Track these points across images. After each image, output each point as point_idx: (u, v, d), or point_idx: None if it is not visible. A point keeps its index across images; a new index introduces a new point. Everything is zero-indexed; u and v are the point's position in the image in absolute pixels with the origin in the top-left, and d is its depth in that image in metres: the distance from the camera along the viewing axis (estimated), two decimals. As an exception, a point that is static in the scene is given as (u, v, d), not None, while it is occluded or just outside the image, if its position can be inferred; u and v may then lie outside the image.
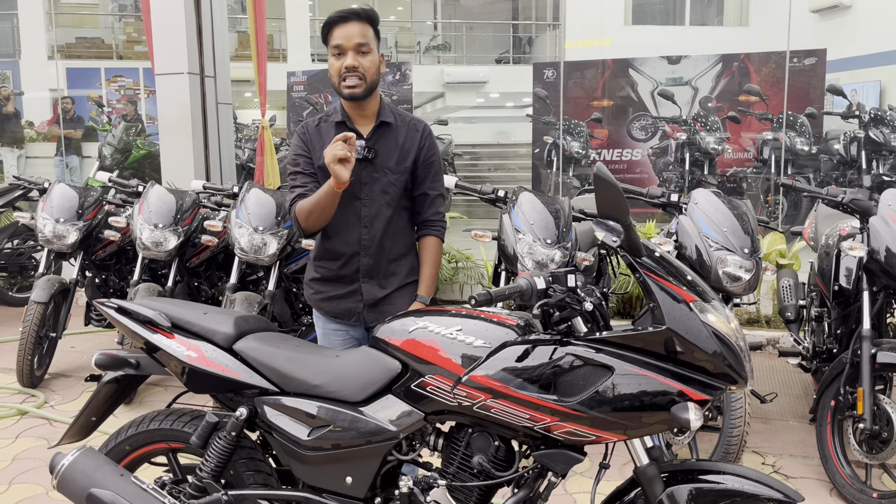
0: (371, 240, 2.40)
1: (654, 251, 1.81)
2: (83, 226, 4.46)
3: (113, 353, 2.14)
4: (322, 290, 2.49)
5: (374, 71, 2.32)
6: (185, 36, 6.16)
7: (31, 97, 12.34)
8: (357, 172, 2.32)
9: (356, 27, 2.29)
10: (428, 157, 2.45)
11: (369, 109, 2.39)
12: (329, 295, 2.47)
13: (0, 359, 4.96)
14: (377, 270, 2.43)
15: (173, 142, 6.35)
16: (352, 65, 2.28)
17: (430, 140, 2.47)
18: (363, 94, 2.32)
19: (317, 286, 2.50)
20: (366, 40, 2.30)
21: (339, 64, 2.30)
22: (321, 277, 2.49)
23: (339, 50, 2.30)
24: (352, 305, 2.45)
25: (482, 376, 1.78)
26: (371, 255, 2.41)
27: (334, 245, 2.43)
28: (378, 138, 2.39)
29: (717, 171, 8.07)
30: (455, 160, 9.69)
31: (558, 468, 1.81)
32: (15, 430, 3.82)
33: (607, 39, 14.18)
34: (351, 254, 2.41)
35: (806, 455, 3.39)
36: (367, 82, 2.31)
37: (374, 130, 2.39)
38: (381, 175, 2.39)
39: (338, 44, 2.30)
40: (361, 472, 1.93)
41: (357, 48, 2.29)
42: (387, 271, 2.45)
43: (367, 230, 2.39)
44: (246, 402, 2.04)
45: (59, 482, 2.00)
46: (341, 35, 2.29)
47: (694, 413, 1.64)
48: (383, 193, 2.38)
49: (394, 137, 2.41)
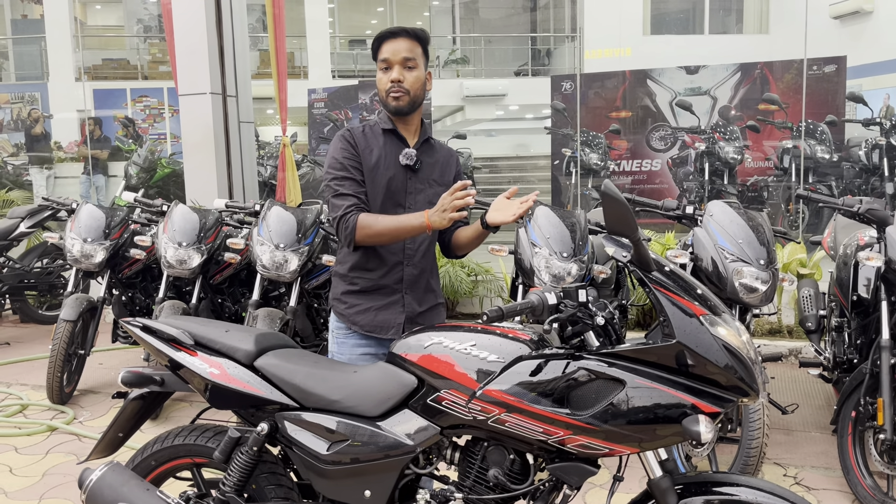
0: (415, 249, 2.40)
1: (664, 266, 1.84)
2: (110, 245, 4.57)
3: (138, 371, 2.20)
4: (357, 303, 2.41)
5: (419, 86, 2.34)
6: (207, 57, 6.29)
7: (59, 118, 12.62)
8: (403, 181, 2.37)
9: (404, 43, 2.32)
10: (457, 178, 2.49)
11: (413, 124, 2.42)
12: (366, 307, 2.40)
13: (31, 376, 5.08)
14: (419, 282, 2.43)
15: (197, 160, 6.47)
16: (397, 78, 2.31)
17: (459, 165, 2.54)
18: (408, 108, 2.35)
19: (352, 299, 2.42)
20: (413, 55, 2.32)
21: (386, 77, 2.33)
22: (359, 289, 2.41)
23: (386, 64, 2.33)
24: (391, 317, 2.40)
25: (496, 391, 1.81)
26: (414, 265, 2.41)
27: (377, 253, 2.38)
28: (424, 152, 2.42)
29: (738, 180, 8.04)
30: (474, 173, 9.73)
31: (573, 481, 1.83)
32: (45, 445, 3.90)
33: (627, 49, 14.21)
34: (394, 263, 2.39)
35: (828, 466, 3.37)
36: (410, 96, 2.33)
37: (421, 143, 2.42)
38: (426, 186, 2.41)
39: (385, 58, 2.32)
40: (379, 485, 1.97)
41: (403, 62, 2.31)
42: (427, 286, 2.46)
43: (413, 240, 2.39)
44: (267, 418, 2.08)
45: (87, 497, 2.06)
46: (389, 50, 2.32)
47: (705, 426, 1.66)
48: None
49: (436, 155, 2.46)
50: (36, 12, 15.94)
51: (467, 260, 5.80)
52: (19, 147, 12.13)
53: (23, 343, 6.00)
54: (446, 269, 5.49)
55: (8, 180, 11.17)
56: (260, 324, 3.84)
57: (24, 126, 12.19)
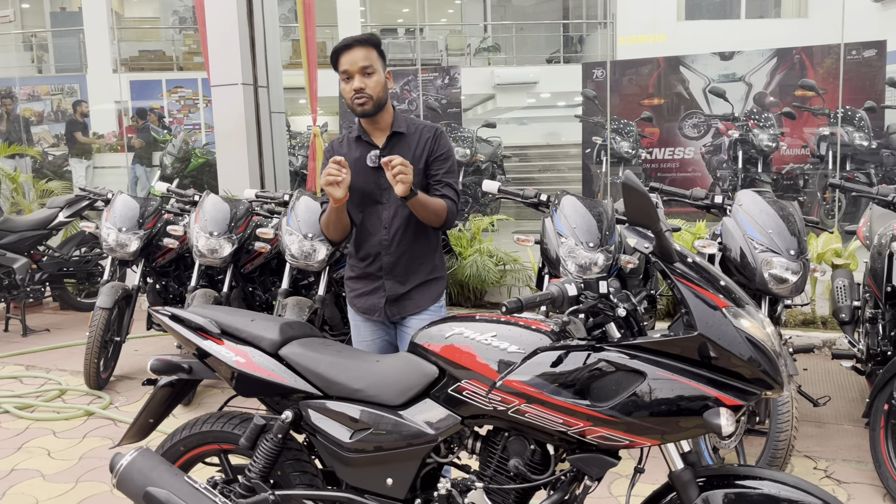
0: (391, 240, 2.61)
1: (686, 257, 1.82)
2: (144, 234, 4.66)
3: (167, 359, 2.25)
4: (354, 288, 2.73)
5: (380, 89, 2.54)
6: (238, 48, 6.36)
7: (97, 109, 12.84)
8: (376, 180, 2.58)
9: (360, 52, 2.52)
10: (439, 154, 2.63)
11: (383, 122, 2.62)
12: (359, 292, 2.70)
13: (70, 361, 5.21)
14: (397, 268, 2.63)
15: (229, 151, 6.55)
16: (359, 87, 2.51)
17: (440, 140, 2.65)
18: (373, 111, 2.55)
19: (351, 284, 2.75)
20: (369, 62, 2.52)
21: (349, 87, 2.54)
22: (354, 276, 2.73)
23: (347, 74, 2.54)
24: (375, 301, 2.66)
25: (516, 381, 1.82)
26: (391, 253, 2.62)
27: (362, 246, 2.67)
28: (392, 146, 2.61)
29: (773, 168, 7.89)
30: (504, 162, 9.70)
31: (593, 472, 1.83)
32: (82, 430, 4.01)
33: (662, 35, 13.98)
34: (375, 253, 2.64)
35: (860, 460, 3.32)
36: (374, 100, 2.53)
37: (387, 140, 2.62)
38: None
39: (345, 69, 2.53)
40: (401, 473, 1.99)
41: (362, 71, 2.51)
42: (407, 269, 2.65)
43: (387, 231, 2.61)
44: (291, 406, 2.12)
45: (118, 481, 2.12)
46: (347, 61, 2.52)
47: (726, 419, 1.65)
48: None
49: (407, 144, 2.62)
50: (74, 4, 16.21)
51: (496, 249, 5.80)
52: (59, 138, 12.38)
53: (62, 329, 6.16)
54: (474, 258, 5.50)
55: (49, 170, 11.42)
56: (289, 312, 3.89)
57: (65, 118, 12.44)
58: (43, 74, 15.34)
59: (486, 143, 9.30)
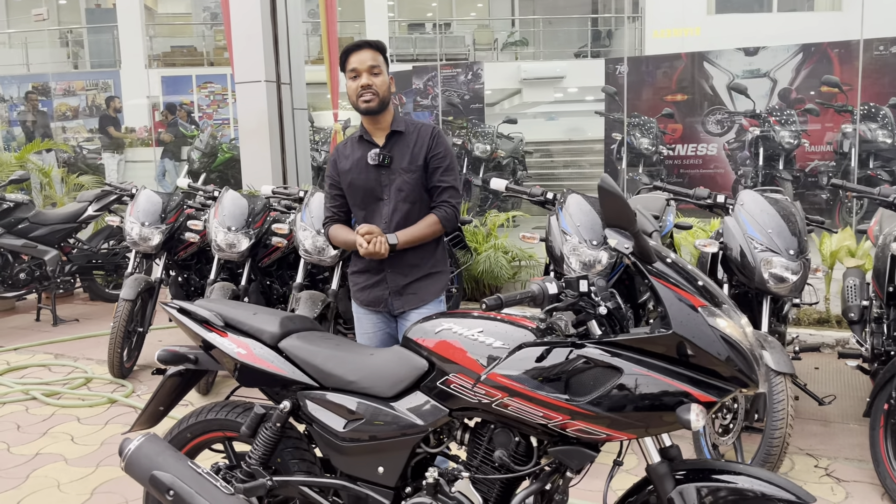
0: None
1: (666, 257, 1.88)
2: (166, 228, 4.81)
3: (174, 350, 2.36)
4: (357, 282, 2.85)
5: (385, 89, 2.70)
6: (261, 45, 6.50)
7: (130, 104, 13.12)
8: (377, 177, 2.72)
9: (368, 53, 2.68)
10: (437, 152, 2.74)
11: (384, 122, 2.75)
12: (363, 285, 2.82)
13: (97, 351, 5.39)
14: (399, 261, 2.73)
15: (252, 147, 6.70)
16: (366, 83, 2.66)
17: (437, 140, 2.76)
18: (378, 109, 2.69)
19: (354, 279, 2.87)
20: (377, 63, 2.68)
21: (356, 84, 2.68)
22: (357, 270, 2.85)
23: (355, 73, 2.68)
24: (379, 293, 2.78)
25: (499, 375, 1.89)
26: None
27: None
28: (392, 145, 2.74)
29: (796, 165, 7.82)
30: (525, 158, 9.72)
31: (573, 464, 1.90)
32: (105, 416, 4.17)
33: (696, 28, 13.84)
34: None
35: (862, 459, 3.32)
36: (379, 97, 2.68)
37: (387, 139, 2.75)
38: (397, 176, 2.73)
39: (354, 67, 2.68)
40: (392, 462, 2.08)
41: (370, 70, 2.67)
42: (410, 262, 2.75)
43: (388, 225, 2.72)
44: (290, 396, 2.22)
45: (126, 464, 2.23)
46: (356, 60, 2.68)
47: (695, 414, 1.70)
48: (399, 191, 2.72)
49: (406, 143, 2.75)
50: (109, 1, 16.54)
51: (511, 245, 5.86)
52: (94, 132, 12.69)
53: (91, 320, 6.36)
54: (488, 254, 5.56)
55: (83, 164, 11.72)
56: (302, 305, 4.00)
57: (99, 112, 12.73)
58: (79, 70, 15.71)
59: (507, 140, 9.32)
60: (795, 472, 3.24)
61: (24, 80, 13.51)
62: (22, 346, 5.56)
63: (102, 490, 3.26)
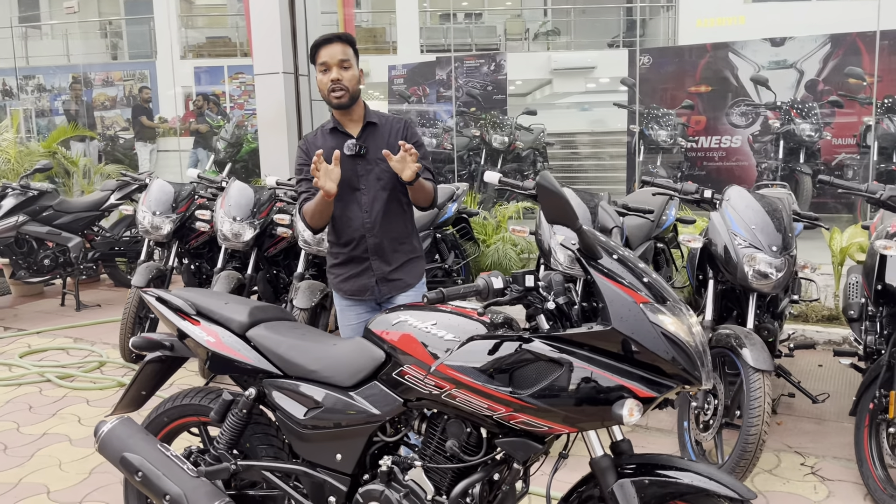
0: (373, 222, 2.78)
1: (613, 253, 1.89)
2: (176, 218, 4.93)
3: (149, 337, 2.46)
4: (340, 273, 2.87)
5: (354, 83, 2.74)
6: (279, 37, 6.57)
7: (166, 95, 13.39)
8: (353, 167, 2.75)
9: (338, 47, 2.71)
10: (412, 142, 2.72)
11: (356, 115, 2.81)
12: (346, 276, 2.85)
13: (114, 335, 5.53)
14: (382, 248, 2.80)
15: (271, 138, 6.79)
16: (336, 78, 2.70)
17: (409, 130, 2.83)
18: (348, 103, 2.74)
19: (336, 271, 2.89)
20: (347, 57, 2.71)
21: (326, 78, 2.72)
22: (338, 262, 2.87)
23: (325, 66, 2.72)
24: (365, 281, 2.82)
25: (448, 367, 1.93)
26: (375, 234, 2.79)
27: (344, 232, 2.82)
28: (367, 136, 2.80)
29: (821, 159, 7.66)
30: (546, 149, 9.67)
31: (518, 455, 1.93)
32: (113, 399, 4.31)
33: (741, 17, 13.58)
34: (358, 237, 2.80)
35: (850, 458, 3.27)
36: (349, 92, 2.72)
37: (362, 130, 2.80)
38: (374, 166, 2.77)
39: (324, 61, 2.72)
40: (349, 450, 2.14)
41: (340, 64, 2.70)
42: (391, 249, 2.81)
43: (368, 214, 2.77)
44: (256, 384, 2.29)
45: (99, 445, 2.33)
46: (326, 54, 2.71)
47: (629, 409, 1.72)
48: (378, 180, 2.77)
49: (380, 134, 2.80)
50: (146, -8, 16.83)
51: (520, 238, 5.86)
52: (130, 122, 12.98)
53: (112, 305, 6.55)
54: (496, 246, 5.59)
55: (120, 153, 12.02)
56: (300, 295, 4.08)
57: (133, 103, 13.02)
58: (118, 61, 16.06)
59: (527, 131, 9.28)
60: (780, 470, 3.22)
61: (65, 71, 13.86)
62: (44, 330, 5.77)
63: (100, 470, 3.39)
